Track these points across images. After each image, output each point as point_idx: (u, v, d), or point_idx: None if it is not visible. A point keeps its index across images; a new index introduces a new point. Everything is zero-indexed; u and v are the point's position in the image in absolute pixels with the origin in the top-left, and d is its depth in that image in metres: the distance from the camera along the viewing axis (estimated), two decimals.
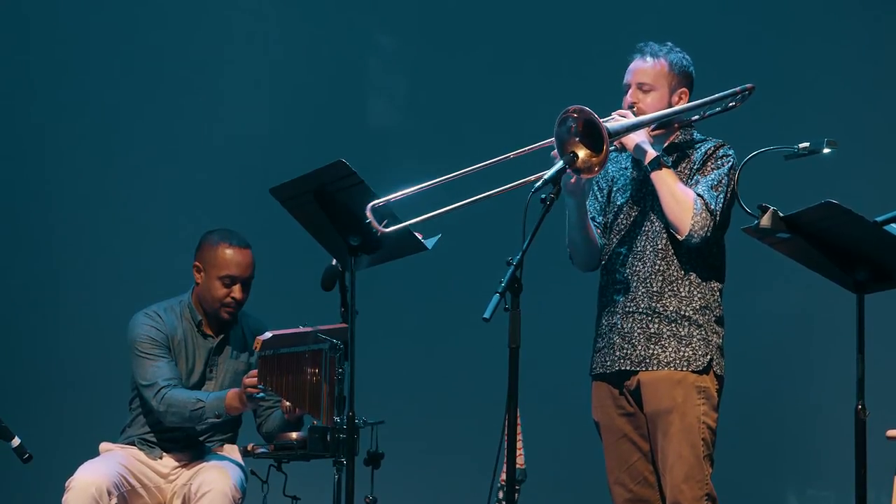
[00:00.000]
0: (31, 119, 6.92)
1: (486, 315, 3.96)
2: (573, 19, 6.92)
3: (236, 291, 5.14)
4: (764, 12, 6.83)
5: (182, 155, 6.90)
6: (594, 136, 4.26)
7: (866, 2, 6.78)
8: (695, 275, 4.51)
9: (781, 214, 3.99)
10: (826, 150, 4.23)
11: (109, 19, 6.95)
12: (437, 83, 7.00)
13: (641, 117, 4.49)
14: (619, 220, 4.62)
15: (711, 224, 4.42)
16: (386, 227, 4.42)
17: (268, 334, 4.77)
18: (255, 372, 4.87)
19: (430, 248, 4.59)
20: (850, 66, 6.74)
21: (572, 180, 4.40)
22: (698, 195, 4.43)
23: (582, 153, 4.29)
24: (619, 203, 4.63)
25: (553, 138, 4.28)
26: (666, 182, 4.44)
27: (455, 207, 4.37)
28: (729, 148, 4.54)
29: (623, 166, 4.68)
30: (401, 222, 4.42)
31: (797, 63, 6.74)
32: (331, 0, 7.08)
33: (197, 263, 5.20)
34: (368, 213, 4.39)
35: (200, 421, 5.03)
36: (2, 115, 6.90)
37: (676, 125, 4.59)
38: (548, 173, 4.20)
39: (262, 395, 4.90)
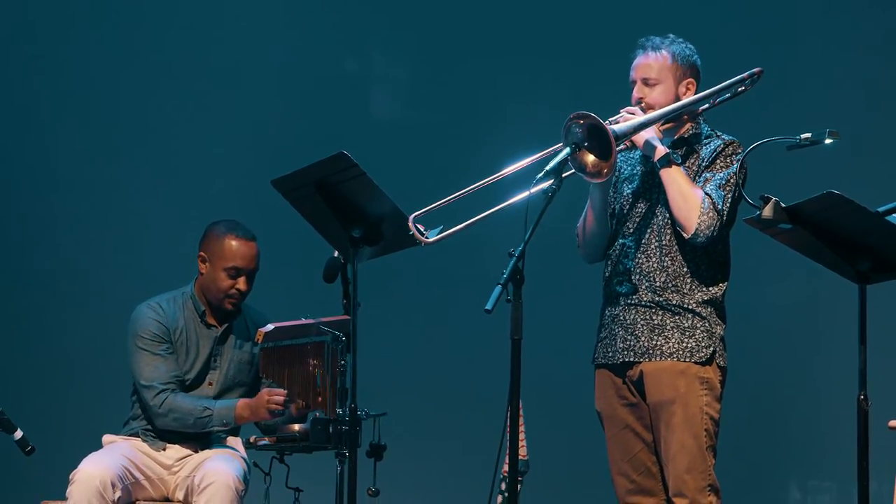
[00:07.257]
0: (35, 113, 6.92)
1: (489, 307, 3.96)
2: (578, 13, 6.90)
3: (241, 283, 5.13)
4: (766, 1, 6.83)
5: (185, 146, 6.90)
6: (602, 140, 4.25)
7: None
8: (699, 271, 4.49)
9: (783, 205, 3.99)
10: (828, 141, 4.23)
11: (115, 15, 6.95)
12: (439, 75, 7.00)
13: (648, 115, 4.46)
14: (625, 211, 4.60)
15: (717, 224, 4.40)
16: (428, 237, 4.41)
17: (270, 326, 4.77)
18: (280, 392, 4.90)
19: (431, 240, 4.58)
20: (852, 55, 6.73)
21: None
22: (706, 194, 4.40)
23: (590, 159, 4.28)
24: (625, 193, 4.61)
25: (561, 144, 4.28)
26: (675, 179, 4.42)
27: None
28: (739, 146, 4.50)
29: (630, 155, 4.65)
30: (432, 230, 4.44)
31: (799, 52, 6.73)
32: None
33: (202, 254, 5.18)
34: (411, 225, 4.37)
35: (205, 428, 5.05)
36: (6, 109, 6.90)
37: (686, 117, 4.57)
38: (550, 164, 4.20)
39: (283, 410, 4.92)
